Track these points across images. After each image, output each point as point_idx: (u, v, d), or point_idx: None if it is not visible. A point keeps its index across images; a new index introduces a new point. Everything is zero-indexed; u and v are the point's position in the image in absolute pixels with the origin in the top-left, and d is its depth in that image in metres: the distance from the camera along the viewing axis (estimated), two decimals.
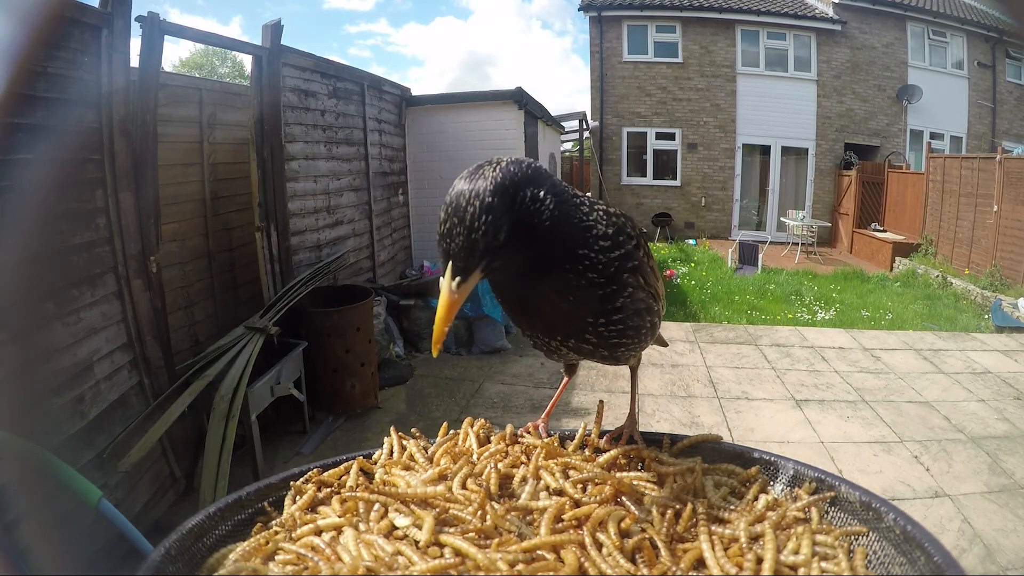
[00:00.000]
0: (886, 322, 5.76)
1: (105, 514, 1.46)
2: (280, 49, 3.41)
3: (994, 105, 10.91)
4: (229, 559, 0.51)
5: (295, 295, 3.20)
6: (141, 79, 2.39)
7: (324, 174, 4.05)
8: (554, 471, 0.59)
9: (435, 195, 5.68)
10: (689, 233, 11.48)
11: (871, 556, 0.52)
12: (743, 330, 5.39)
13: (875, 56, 10.98)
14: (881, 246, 8.95)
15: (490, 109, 5.44)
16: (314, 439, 3.16)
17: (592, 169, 11.76)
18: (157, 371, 2.43)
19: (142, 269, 2.34)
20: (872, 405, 3.69)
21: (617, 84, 11.40)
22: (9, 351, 1.56)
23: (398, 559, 0.48)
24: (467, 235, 0.49)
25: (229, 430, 2.34)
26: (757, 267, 8.20)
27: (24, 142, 1.75)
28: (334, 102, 4.22)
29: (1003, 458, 3.02)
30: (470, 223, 0.48)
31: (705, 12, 10.95)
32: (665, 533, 0.51)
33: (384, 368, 3.89)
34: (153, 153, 2.42)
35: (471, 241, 0.49)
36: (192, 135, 3.07)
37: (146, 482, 2.34)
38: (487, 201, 0.49)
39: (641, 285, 0.60)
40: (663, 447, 0.66)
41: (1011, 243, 6.51)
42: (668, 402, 3.74)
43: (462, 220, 0.49)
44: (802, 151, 11.29)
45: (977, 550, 2.31)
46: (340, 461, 0.65)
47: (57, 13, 0.59)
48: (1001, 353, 4.75)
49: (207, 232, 3.16)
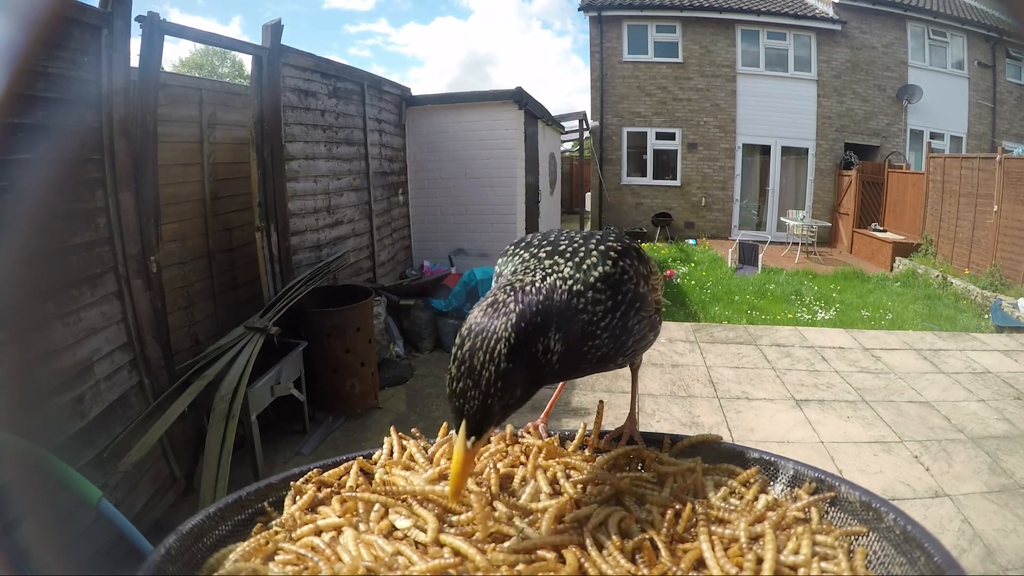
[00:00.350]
0: (886, 322, 5.76)
1: (105, 514, 1.46)
2: (280, 49, 3.41)
3: (994, 105, 10.91)
4: (229, 559, 0.51)
5: (295, 295, 3.20)
6: (141, 79, 2.39)
7: (324, 174, 4.05)
8: (556, 471, 0.60)
9: (435, 195, 5.69)
10: (689, 233, 11.49)
11: (871, 556, 0.52)
12: (743, 330, 5.40)
13: (875, 56, 10.98)
14: (881, 246, 8.96)
15: (490, 109, 5.44)
16: (314, 439, 3.16)
17: (592, 169, 11.77)
18: (157, 371, 2.43)
19: (142, 269, 2.34)
20: (872, 405, 3.69)
21: (617, 84, 11.40)
22: (9, 351, 1.56)
23: (398, 559, 0.48)
24: (483, 400, 0.47)
25: (229, 430, 2.34)
26: (757, 267, 8.20)
27: (24, 142, 1.75)
28: (334, 102, 4.22)
29: (1003, 458, 3.02)
30: (485, 388, 0.47)
31: (705, 12, 10.95)
32: (665, 533, 0.51)
33: (384, 368, 3.90)
34: (153, 153, 2.42)
35: (487, 406, 0.48)
36: (192, 135, 3.07)
37: (146, 482, 2.34)
38: (503, 367, 0.47)
39: (648, 314, 0.61)
40: (663, 447, 0.66)
41: (1011, 243, 6.51)
42: (668, 402, 3.74)
43: (477, 384, 0.47)
44: (802, 151, 11.29)
45: (977, 550, 2.31)
46: (340, 461, 0.65)
47: (57, 13, 0.59)
48: (1001, 353, 4.75)
49: (207, 232, 3.16)
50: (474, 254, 5.62)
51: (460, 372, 0.48)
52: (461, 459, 0.48)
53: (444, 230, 5.73)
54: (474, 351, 0.48)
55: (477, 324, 0.49)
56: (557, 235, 0.62)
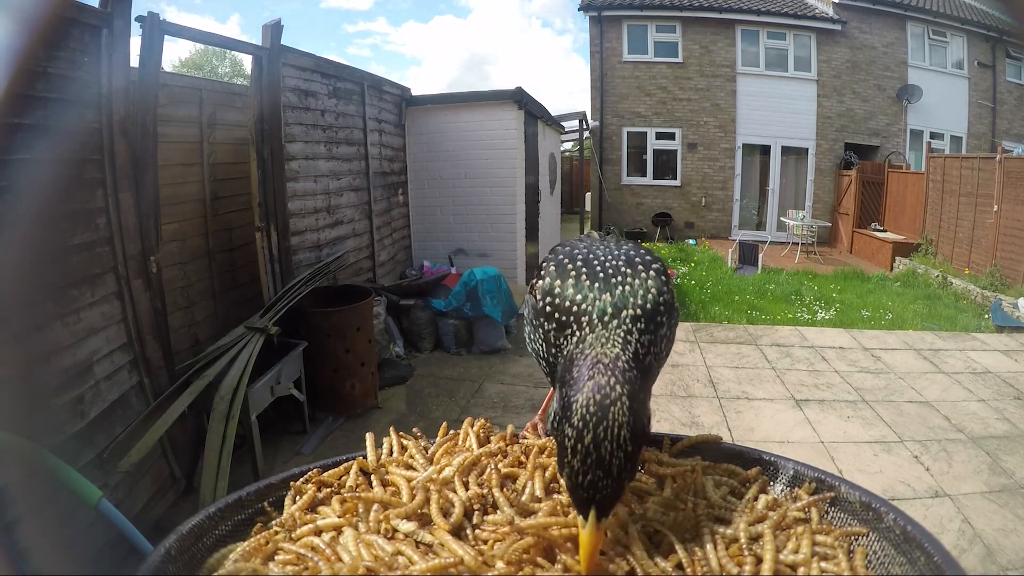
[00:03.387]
0: (886, 322, 5.76)
1: (105, 514, 1.46)
2: (280, 49, 3.41)
3: (994, 105, 10.91)
4: (229, 559, 0.51)
5: (295, 295, 3.20)
6: (141, 79, 2.39)
7: (324, 174, 4.05)
8: (556, 470, 0.60)
9: (435, 195, 5.69)
10: (689, 233, 11.49)
11: (871, 556, 0.52)
12: (743, 330, 5.40)
13: (875, 56, 10.98)
14: (881, 246, 8.96)
15: (490, 109, 5.44)
16: (314, 439, 3.16)
17: (592, 169, 11.77)
18: (157, 371, 2.43)
19: (142, 269, 2.34)
20: (872, 405, 3.70)
21: (617, 84, 11.41)
22: (9, 351, 1.56)
23: (398, 559, 0.48)
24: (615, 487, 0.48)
25: (229, 430, 2.34)
26: (757, 267, 8.20)
27: (24, 142, 1.75)
28: (334, 102, 4.22)
29: (1003, 458, 3.02)
30: (617, 475, 0.48)
31: (705, 12, 10.95)
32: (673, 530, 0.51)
33: (384, 368, 3.90)
34: (153, 153, 2.42)
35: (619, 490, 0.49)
36: (192, 135, 3.07)
37: (146, 482, 2.34)
38: (631, 451, 0.48)
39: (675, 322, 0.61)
40: (663, 448, 0.66)
41: (1011, 243, 6.51)
42: (668, 402, 3.74)
43: (608, 473, 0.47)
44: (802, 151, 11.30)
45: (977, 550, 2.31)
46: (340, 461, 0.65)
47: (57, 13, 0.59)
48: (1001, 353, 4.75)
49: (207, 232, 3.16)
50: (474, 254, 5.62)
51: (588, 465, 0.48)
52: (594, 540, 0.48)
53: (444, 230, 5.73)
54: (599, 443, 0.47)
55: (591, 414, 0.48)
56: (603, 253, 0.60)
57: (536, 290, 0.60)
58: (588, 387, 0.50)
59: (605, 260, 0.59)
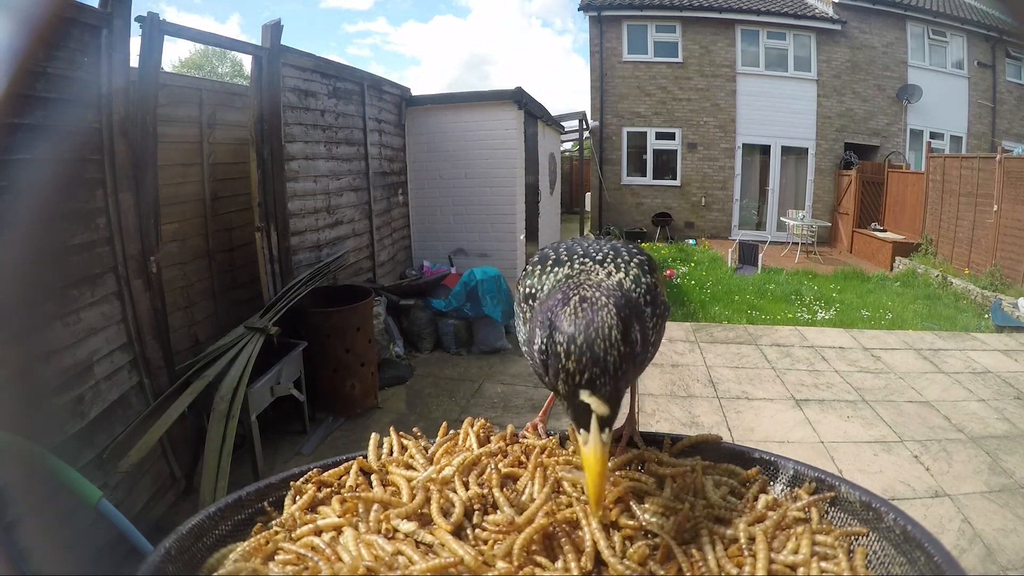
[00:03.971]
0: (886, 322, 5.76)
1: (105, 514, 1.46)
2: (280, 49, 3.41)
3: (994, 105, 10.91)
4: (229, 559, 0.51)
5: (295, 295, 3.20)
6: (141, 79, 2.39)
7: (324, 174, 4.05)
8: (554, 468, 0.60)
9: (435, 195, 5.68)
10: (689, 233, 11.48)
11: (871, 556, 0.52)
12: (743, 330, 5.40)
13: (875, 56, 10.98)
14: (881, 246, 8.95)
15: (490, 109, 5.43)
16: (314, 439, 3.16)
17: (592, 169, 11.77)
18: (157, 371, 2.43)
19: (142, 269, 2.34)
20: (872, 405, 3.69)
21: (617, 84, 11.40)
22: (9, 351, 1.56)
23: (398, 559, 0.48)
24: (614, 384, 0.47)
25: (229, 430, 2.34)
26: (757, 267, 8.20)
27: (24, 142, 1.75)
28: (334, 102, 4.22)
29: (1003, 458, 3.02)
30: (614, 371, 0.46)
31: (705, 12, 10.95)
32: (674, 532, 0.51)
33: (384, 368, 3.90)
34: (153, 153, 2.42)
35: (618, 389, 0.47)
36: (192, 135, 3.07)
37: (146, 482, 2.34)
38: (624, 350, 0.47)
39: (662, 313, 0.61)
40: (663, 448, 0.66)
41: (1011, 243, 6.51)
42: (668, 402, 3.74)
43: (605, 370, 0.46)
44: (802, 151, 11.29)
45: (977, 550, 2.31)
46: (340, 461, 0.65)
47: (57, 13, 0.59)
48: (1001, 353, 4.75)
49: (207, 232, 3.16)
50: (474, 254, 5.62)
51: (583, 364, 0.46)
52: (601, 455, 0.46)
53: (444, 230, 5.73)
54: (591, 341, 0.47)
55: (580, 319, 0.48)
56: (584, 247, 0.61)
57: (521, 284, 0.62)
58: (574, 300, 0.50)
59: (588, 249, 0.60)
